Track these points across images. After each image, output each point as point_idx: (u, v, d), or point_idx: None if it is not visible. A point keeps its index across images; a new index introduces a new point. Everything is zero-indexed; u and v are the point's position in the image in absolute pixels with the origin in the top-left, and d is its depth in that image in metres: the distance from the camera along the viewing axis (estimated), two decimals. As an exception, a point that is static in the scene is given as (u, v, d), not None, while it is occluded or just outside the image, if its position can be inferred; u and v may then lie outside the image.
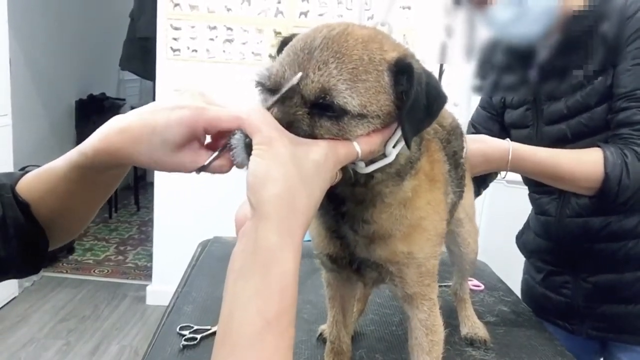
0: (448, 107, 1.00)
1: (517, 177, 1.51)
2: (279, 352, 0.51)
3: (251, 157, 0.56)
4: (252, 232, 0.53)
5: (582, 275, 1.29)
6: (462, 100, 2.59)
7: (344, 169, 0.64)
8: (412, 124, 0.65)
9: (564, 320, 1.35)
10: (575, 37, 1.12)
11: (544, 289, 1.39)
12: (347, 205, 0.74)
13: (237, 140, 0.60)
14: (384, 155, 0.68)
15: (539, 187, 1.35)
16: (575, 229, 1.27)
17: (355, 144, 0.62)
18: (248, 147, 0.57)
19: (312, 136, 0.61)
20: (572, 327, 1.33)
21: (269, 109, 0.60)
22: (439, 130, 0.88)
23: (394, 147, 0.67)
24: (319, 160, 0.58)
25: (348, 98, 0.60)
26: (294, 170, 0.55)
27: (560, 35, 1.12)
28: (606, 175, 1.09)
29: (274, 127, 0.57)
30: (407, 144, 0.66)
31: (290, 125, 0.60)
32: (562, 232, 1.30)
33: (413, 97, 0.62)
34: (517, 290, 1.50)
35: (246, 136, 0.58)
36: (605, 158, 1.10)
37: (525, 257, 1.49)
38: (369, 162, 0.67)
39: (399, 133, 0.67)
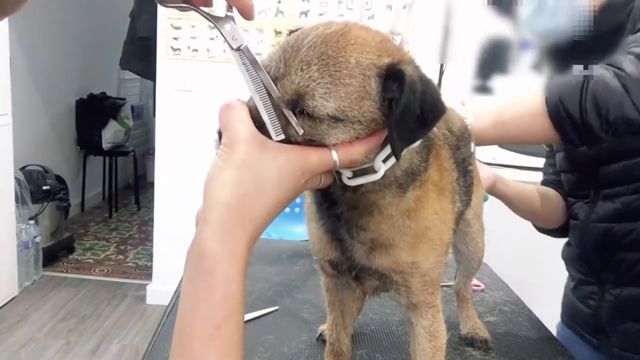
0: (455, 106, 0.99)
1: (518, 177, 1.50)
2: (230, 356, 0.52)
3: (213, 158, 0.55)
4: (198, 236, 0.53)
5: (606, 287, 1.19)
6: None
7: (330, 173, 0.62)
8: (402, 134, 0.60)
9: (590, 334, 1.24)
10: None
11: (574, 298, 1.30)
12: (340, 207, 0.72)
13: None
14: (374, 170, 0.64)
15: (575, 191, 1.28)
16: (598, 235, 1.18)
17: (333, 152, 0.59)
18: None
19: (286, 137, 0.59)
20: (599, 342, 1.22)
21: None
22: (449, 135, 0.85)
23: (384, 161, 0.64)
24: (282, 167, 0.56)
25: (322, 102, 0.57)
26: (249, 176, 0.54)
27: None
28: (546, 101, 0.95)
29: (242, 127, 0.56)
30: (396, 155, 0.61)
31: (262, 124, 0.58)
32: (585, 238, 1.22)
33: (403, 105, 0.58)
34: (517, 290, 1.49)
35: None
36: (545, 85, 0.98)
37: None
38: (359, 174, 0.65)
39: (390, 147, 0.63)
